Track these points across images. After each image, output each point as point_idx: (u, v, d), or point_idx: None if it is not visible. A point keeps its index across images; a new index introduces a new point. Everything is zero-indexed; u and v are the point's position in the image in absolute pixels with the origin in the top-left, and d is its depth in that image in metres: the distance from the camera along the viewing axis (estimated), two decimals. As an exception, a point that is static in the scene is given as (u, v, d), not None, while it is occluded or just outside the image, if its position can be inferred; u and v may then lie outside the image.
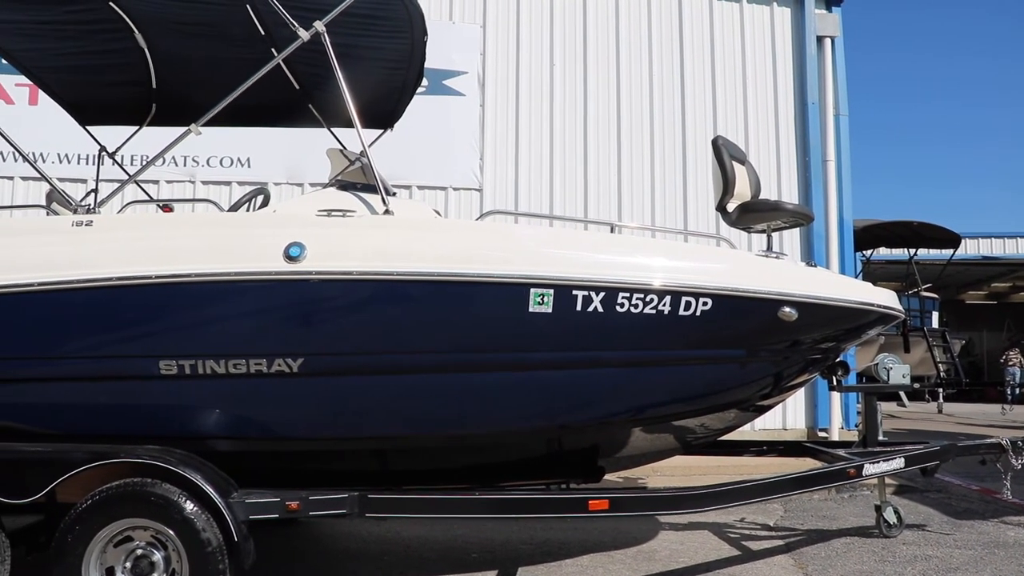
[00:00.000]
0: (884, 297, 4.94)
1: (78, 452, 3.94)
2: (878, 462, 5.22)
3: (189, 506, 3.80)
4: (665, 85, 9.22)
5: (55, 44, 5.27)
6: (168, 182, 8.09)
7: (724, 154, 5.20)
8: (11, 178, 7.97)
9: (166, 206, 5.71)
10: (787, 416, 8.89)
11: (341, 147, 5.89)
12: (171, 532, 3.81)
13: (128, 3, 5.01)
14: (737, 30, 9.45)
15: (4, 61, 5.54)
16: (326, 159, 6.16)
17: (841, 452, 5.68)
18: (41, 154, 7.65)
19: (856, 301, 4.72)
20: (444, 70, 8.53)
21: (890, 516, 5.78)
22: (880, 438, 5.98)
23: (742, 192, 5.29)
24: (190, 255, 4.00)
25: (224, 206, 6.72)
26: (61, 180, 4.61)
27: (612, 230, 4.72)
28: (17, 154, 7.72)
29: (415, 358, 4.06)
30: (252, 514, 3.97)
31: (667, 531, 6.04)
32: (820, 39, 9.52)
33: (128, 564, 3.86)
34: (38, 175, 7.66)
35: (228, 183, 8.25)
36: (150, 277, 3.95)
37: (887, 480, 5.99)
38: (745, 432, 6.25)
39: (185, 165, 8.15)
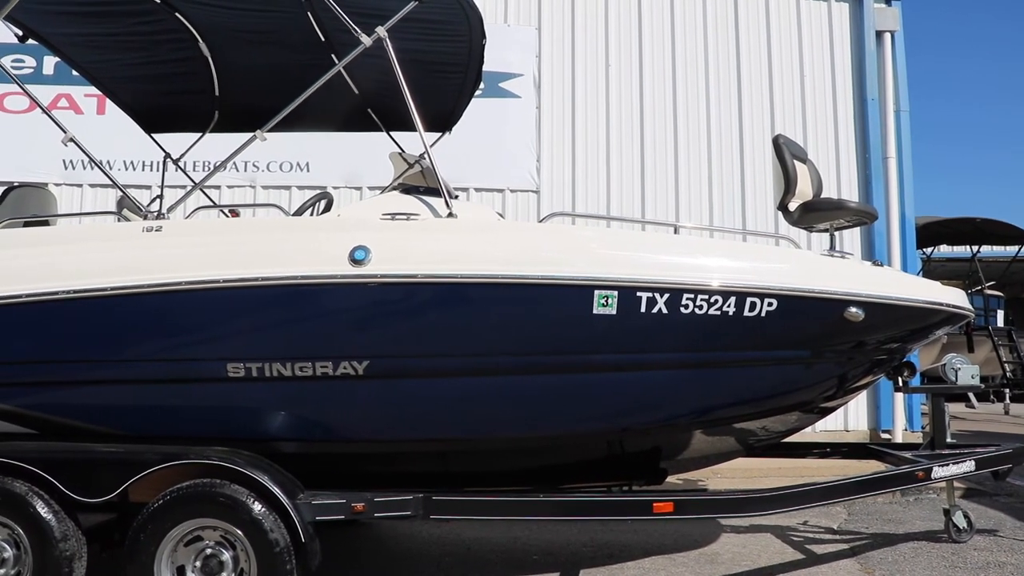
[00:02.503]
0: (953, 296, 4.84)
1: (150, 453, 4.04)
2: (947, 465, 5.10)
3: (257, 507, 3.87)
4: (722, 83, 9.12)
5: (123, 55, 5.42)
6: (229, 187, 8.24)
7: (785, 153, 5.14)
8: (80, 185, 8.20)
9: (233, 211, 5.82)
10: (849, 418, 8.74)
11: (400, 151, 5.96)
12: (239, 532, 3.88)
13: (193, 13, 5.13)
14: (794, 26, 9.32)
15: (75, 73, 5.70)
16: (383, 163, 6.24)
17: (907, 455, 5.56)
18: (108, 161, 7.84)
19: (924, 301, 4.62)
20: (500, 72, 8.54)
21: (960, 520, 5.63)
22: (948, 440, 5.84)
23: (804, 191, 5.22)
24: (257, 259, 4.06)
25: (284, 210, 6.83)
26: (127, 187, 4.72)
27: (675, 231, 4.71)
28: (85, 162, 8.06)
29: (480, 361, 4.07)
30: (318, 515, 4.03)
31: (729, 534, 5.97)
32: (879, 34, 9.33)
33: (198, 563, 3.94)
34: (105, 182, 7.97)
35: (288, 187, 8.37)
36: (218, 281, 4.02)
37: (955, 483, 5.85)
38: (806, 434, 6.16)
39: (246, 170, 8.28)
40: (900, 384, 5.59)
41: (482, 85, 5.90)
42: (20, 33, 5.02)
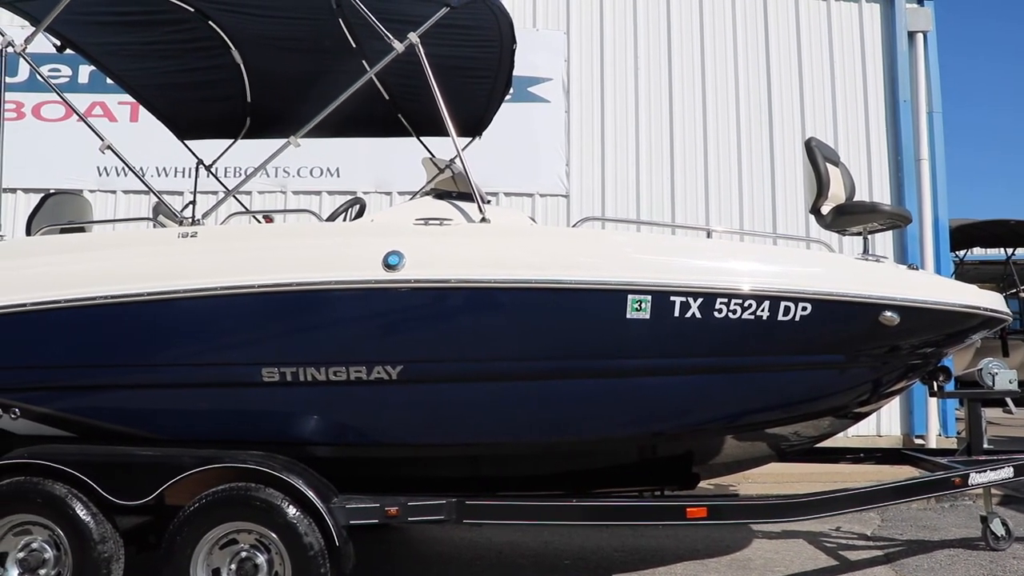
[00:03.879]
0: (990, 300, 4.78)
1: (186, 456, 4.08)
2: (985, 471, 5.02)
3: (292, 511, 3.90)
4: (751, 86, 9.06)
5: (157, 63, 5.49)
6: (260, 193, 8.29)
7: (818, 156, 5.10)
8: (114, 192, 8.29)
9: (267, 217, 5.87)
10: (882, 423, 8.63)
11: (431, 156, 5.99)
12: (274, 536, 3.91)
13: (226, 21, 5.18)
14: (824, 28, 9.23)
15: (109, 81, 5.78)
16: (412, 168, 6.27)
17: (943, 460, 5.49)
18: (142, 168, 7.91)
19: (961, 304, 4.57)
20: (529, 77, 8.53)
21: (997, 528, 5.55)
22: (985, 446, 5.75)
23: (836, 194, 5.18)
24: (291, 265, 4.09)
25: (318, 216, 6.86)
26: (160, 193, 4.77)
27: (708, 235, 4.69)
28: (119, 169, 8.15)
29: (514, 365, 4.08)
30: (352, 519, 4.05)
31: (761, 539, 5.93)
32: (912, 34, 9.21)
33: (233, 566, 3.98)
34: (139, 189, 8.07)
35: (318, 193, 8.41)
36: (253, 287, 4.06)
37: (992, 490, 5.77)
38: (838, 439, 6.10)
39: (276, 176, 8.33)
40: (935, 389, 5.52)
41: (511, 90, 5.90)
42: (58, 43, 5.10)
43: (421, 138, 6.29)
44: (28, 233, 4.97)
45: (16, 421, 4.31)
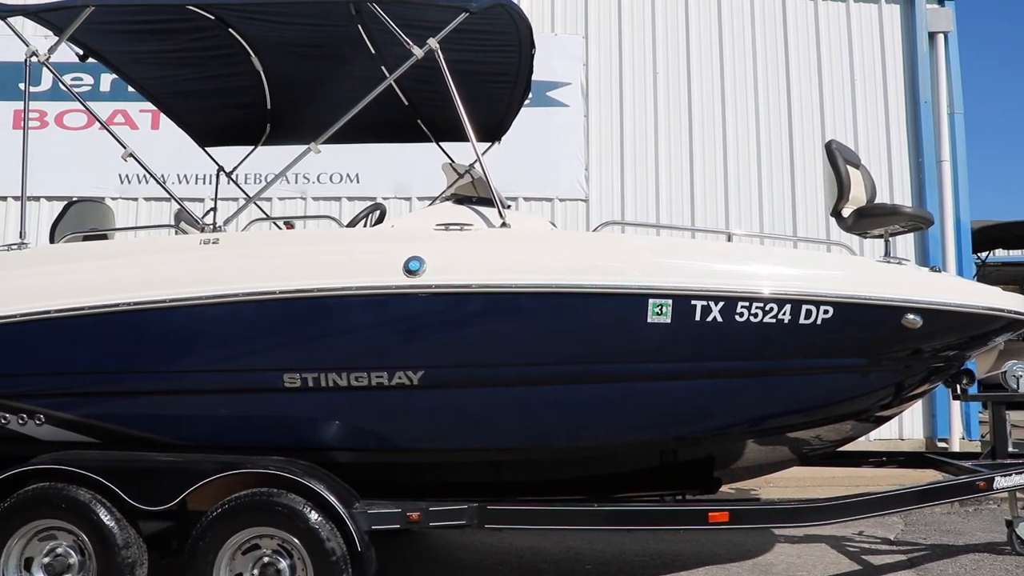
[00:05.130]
0: (1013, 302, 4.74)
1: (208, 462, 4.10)
2: (1010, 474, 4.98)
3: (314, 516, 3.90)
4: (771, 89, 9.03)
5: (178, 71, 5.52)
6: (280, 199, 8.34)
7: (838, 158, 5.08)
8: (135, 199, 8.37)
9: (288, 223, 5.90)
10: (904, 426, 8.58)
11: (451, 161, 6.00)
12: (296, 541, 3.92)
13: (246, 29, 5.20)
14: (844, 30, 9.19)
15: (131, 89, 5.83)
16: (432, 173, 6.30)
17: (967, 464, 5.44)
18: (164, 175, 7.99)
19: (984, 307, 4.54)
20: (548, 81, 8.54)
21: None
22: (1009, 449, 5.69)
23: (857, 197, 5.16)
24: (312, 271, 4.11)
25: (338, 222, 6.90)
26: (181, 200, 4.81)
27: (728, 239, 4.68)
28: (140, 176, 8.23)
29: (535, 370, 4.08)
30: (374, 524, 4.05)
31: (783, 544, 5.89)
32: (932, 35, 9.17)
33: (256, 571, 3.99)
34: (160, 196, 8.14)
35: (338, 199, 8.46)
36: (275, 293, 4.08)
37: (1018, 494, 5.71)
38: (860, 442, 6.06)
39: (296, 182, 8.38)
40: (958, 392, 5.47)
41: (530, 94, 5.91)
42: (81, 52, 5.15)
43: (440, 143, 6.32)
44: (52, 240, 5.02)
45: (41, 427, 4.34)
